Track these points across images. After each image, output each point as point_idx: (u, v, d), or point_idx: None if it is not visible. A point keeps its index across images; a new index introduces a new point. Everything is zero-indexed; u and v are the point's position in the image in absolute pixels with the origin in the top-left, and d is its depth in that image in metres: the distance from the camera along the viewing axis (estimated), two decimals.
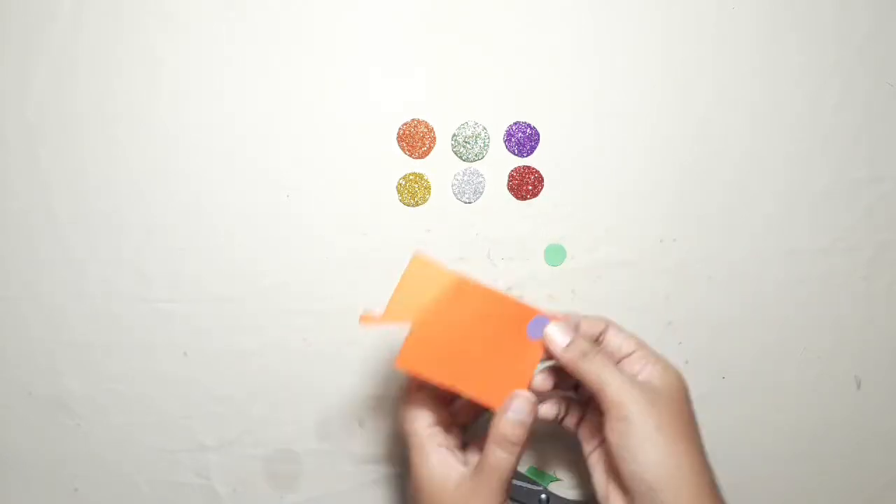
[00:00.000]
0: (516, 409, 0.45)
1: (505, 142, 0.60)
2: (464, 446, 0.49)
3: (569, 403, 0.50)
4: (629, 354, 0.47)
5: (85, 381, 0.60)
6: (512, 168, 0.60)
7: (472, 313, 0.46)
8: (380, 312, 0.46)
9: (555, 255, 0.60)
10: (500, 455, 0.43)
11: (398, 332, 0.57)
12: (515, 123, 0.60)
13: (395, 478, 0.60)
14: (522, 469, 0.60)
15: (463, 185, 0.60)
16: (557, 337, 0.46)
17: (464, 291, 0.46)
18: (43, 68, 0.59)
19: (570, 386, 0.50)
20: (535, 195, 0.60)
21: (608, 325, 0.49)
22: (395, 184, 0.60)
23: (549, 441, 0.60)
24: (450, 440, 0.47)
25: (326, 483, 0.60)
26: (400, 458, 0.60)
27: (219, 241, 0.59)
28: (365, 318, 0.46)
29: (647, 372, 0.46)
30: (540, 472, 0.60)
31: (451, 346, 0.46)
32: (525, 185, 0.60)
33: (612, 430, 0.43)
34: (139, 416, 0.60)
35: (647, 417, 0.42)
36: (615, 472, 0.44)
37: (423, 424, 0.46)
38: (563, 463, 0.60)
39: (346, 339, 0.60)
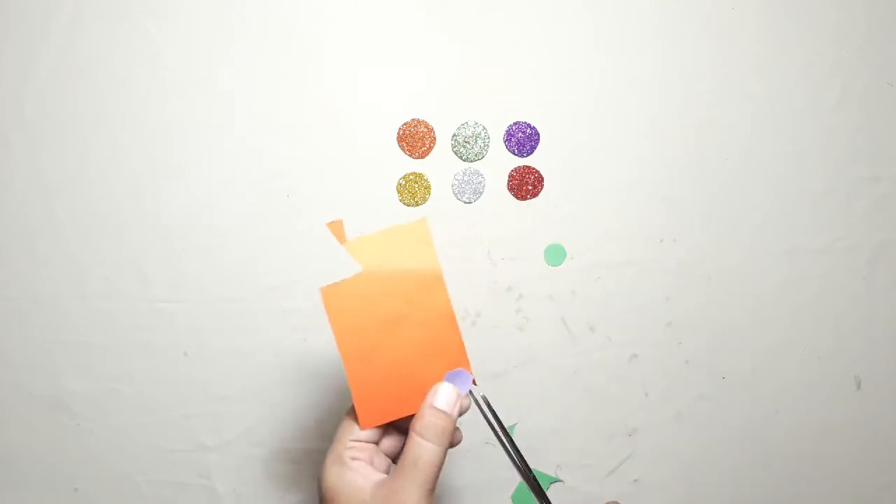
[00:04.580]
0: (442, 397, 0.42)
1: (505, 142, 0.60)
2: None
3: None
4: None
5: (85, 381, 0.60)
6: (512, 168, 0.60)
7: (410, 309, 0.43)
8: (350, 234, 0.43)
9: (555, 255, 0.60)
10: (424, 445, 0.40)
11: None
12: (515, 123, 0.60)
13: None
14: None
15: (463, 185, 0.60)
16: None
17: (432, 287, 0.44)
18: (43, 68, 0.59)
19: None
20: (535, 195, 0.60)
21: None
22: (395, 184, 0.60)
23: (548, 442, 0.60)
24: (373, 459, 0.43)
25: None
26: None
27: (219, 241, 0.59)
28: (333, 225, 0.43)
29: None
30: (540, 473, 0.60)
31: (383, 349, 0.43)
32: (525, 185, 0.60)
33: None
34: (139, 416, 0.60)
35: None
36: None
37: (345, 438, 0.43)
38: (564, 465, 0.60)
39: None
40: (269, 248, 0.59)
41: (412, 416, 0.42)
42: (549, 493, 0.60)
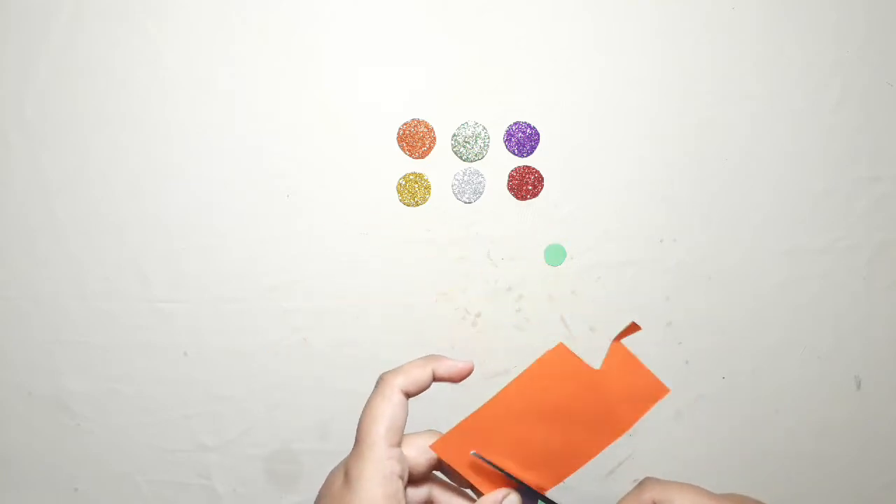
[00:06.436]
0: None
1: (505, 142, 0.60)
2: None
3: None
4: None
5: (85, 381, 0.60)
6: (512, 168, 0.60)
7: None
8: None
9: (555, 255, 0.60)
10: None
11: (400, 331, 0.57)
12: (515, 123, 0.60)
13: None
14: None
15: (463, 185, 0.60)
16: None
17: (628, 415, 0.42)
18: (43, 68, 0.59)
19: None
20: (535, 195, 0.60)
21: (654, 495, 0.42)
22: (395, 184, 0.60)
23: None
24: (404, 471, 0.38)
25: None
26: None
27: (219, 241, 0.59)
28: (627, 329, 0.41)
29: None
30: None
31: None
32: (525, 185, 0.60)
33: None
34: (139, 416, 0.60)
35: None
36: None
37: (389, 440, 0.37)
38: None
39: (346, 339, 0.60)
40: (269, 248, 0.59)
41: (461, 477, 0.40)
42: (549, 494, 0.60)
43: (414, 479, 0.40)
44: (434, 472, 0.41)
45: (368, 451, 0.37)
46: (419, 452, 0.39)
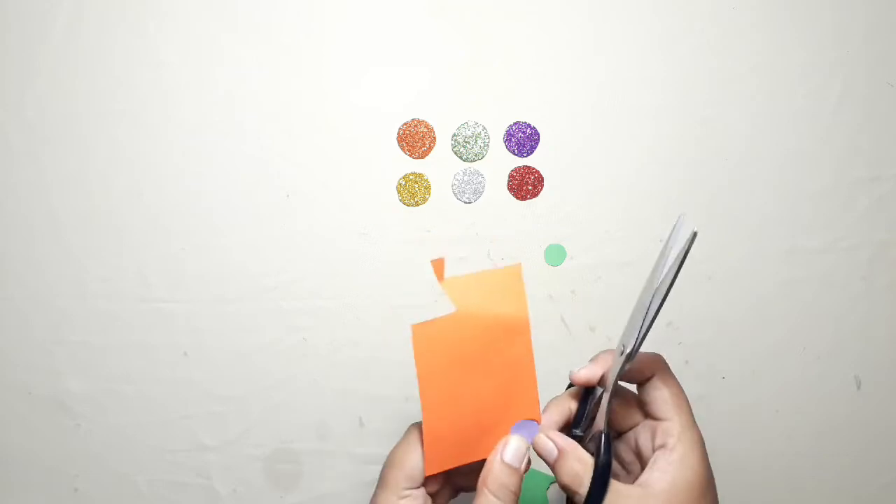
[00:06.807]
0: (511, 451, 0.41)
1: (505, 142, 0.60)
2: None
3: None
4: (659, 420, 0.42)
5: (85, 381, 0.60)
6: (512, 168, 0.60)
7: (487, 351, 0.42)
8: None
9: (555, 255, 0.60)
10: (494, 503, 0.39)
11: (400, 331, 0.57)
12: (515, 123, 0.60)
13: None
14: None
15: (463, 185, 0.60)
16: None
17: (516, 334, 0.42)
18: (43, 68, 0.59)
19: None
20: (535, 195, 0.60)
21: (657, 371, 0.44)
22: (395, 184, 0.60)
23: None
24: None
25: (326, 483, 0.60)
26: None
27: (219, 241, 0.59)
28: (436, 263, 0.41)
29: (660, 464, 0.40)
30: (540, 474, 0.60)
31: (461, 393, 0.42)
32: (525, 185, 0.60)
33: None
34: (139, 416, 0.60)
35: None
36: None
37: (398, 486, 0.41)
38: None
39: (346, 339, 0.60)
40: (269, 248, 0.59)
41: (470, 463, 0.41)
42: (549, 493, 0.60)
43: (447, 495, 0.44)
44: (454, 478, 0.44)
45: (381, 493, 0.41)
46: (433, 481, 0.43)
